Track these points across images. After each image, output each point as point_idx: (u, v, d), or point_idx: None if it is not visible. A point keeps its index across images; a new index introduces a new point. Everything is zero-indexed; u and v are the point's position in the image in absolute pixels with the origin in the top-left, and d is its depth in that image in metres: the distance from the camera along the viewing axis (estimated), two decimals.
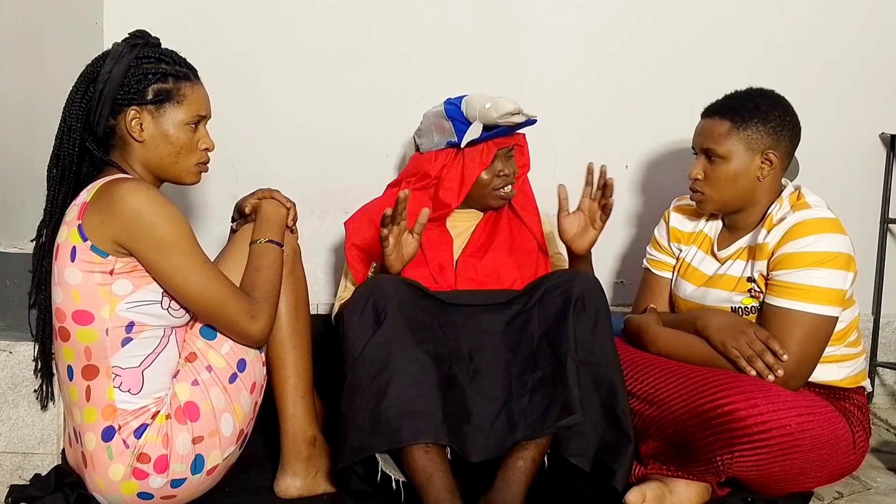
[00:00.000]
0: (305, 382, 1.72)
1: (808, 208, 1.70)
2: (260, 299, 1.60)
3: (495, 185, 1.96)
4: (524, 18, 2.37)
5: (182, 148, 1.59)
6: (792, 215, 1.70)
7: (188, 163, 1.61)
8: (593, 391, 1.61)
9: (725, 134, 1.73)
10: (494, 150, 1.93)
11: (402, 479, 1.56)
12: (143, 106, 1.55)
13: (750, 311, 1.75)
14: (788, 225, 1.69)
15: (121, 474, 1.52)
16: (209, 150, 1.64)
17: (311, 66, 2.34)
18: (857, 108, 2.44)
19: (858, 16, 2.41)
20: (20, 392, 1.77)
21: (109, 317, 1.50)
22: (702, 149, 1.78)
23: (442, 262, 1.94)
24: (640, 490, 1.62)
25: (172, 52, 1.61)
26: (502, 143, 1.94)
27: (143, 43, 1.58)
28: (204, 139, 1.63)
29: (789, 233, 1.68)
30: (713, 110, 1.78)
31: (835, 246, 1.65)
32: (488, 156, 1.93)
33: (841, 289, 1.65)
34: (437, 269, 1.93)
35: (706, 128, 1.77)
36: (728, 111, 1.74)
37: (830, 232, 1.66)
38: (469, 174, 1.93)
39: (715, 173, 1.75)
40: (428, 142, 1.99)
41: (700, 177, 1.78)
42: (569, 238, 1.89)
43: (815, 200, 1.73)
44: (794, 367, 1.63)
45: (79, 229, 1.49)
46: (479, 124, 1.90)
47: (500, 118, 1.88)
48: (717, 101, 1.80)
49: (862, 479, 1.87)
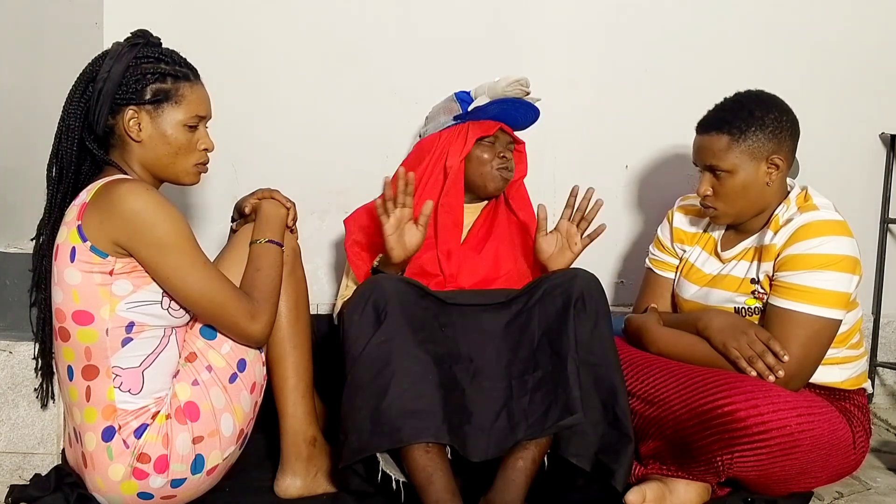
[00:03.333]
0: (305, 382, 1.72)
1: (816, 210, 1.68)
2: (260, 299, 1.60)
3: (494, 165, 1.98)
4: (524, 18, 2.37)
5: (180, 148, 1.59)
6: (799, 217, 1.68)
7: (186, 163, 1.61)
8: (593, 391, 1.61)
9: (726, 148, 1.70)
10: (497, 126, 1.98)
11: (403, 479, 1.56)
12: (141, 106, 1.55)
13: (753, 311, 1.74)
14: (795, 226, 1.67)
15: (121, 474, 1.51)
16: (208, 150, 1.64)
17: (312, 65, 2.34)
18: (857, 108, 2.44)
19: (858, 15, 2.41)
20: (20, 392, 1.77)
21: (109, 317, 1.49)
22: (705, 166, 1.75)
23: (450, 249, 1.95)
24: (640, 490, 1.62)
25: (172, 52, 1.61)
26: (506, 127, 1.99)
27: (143, 42, 1.57)
28: (203, 140, 1.62)
29: (796, 234, 1.66)
30: (708, 125, 1.74)
31: (841, 249, 1.64)
32: (492, 127, 1.97)
33: (846, 292, 1.64)
34: (445, 254, 1.94)
35: (705, 145, 1.73)
36: (724, 125, 1.71)
37: (837, 234, 1.65)
38: (472, 137, 1.96)
39: (724, 188, 1.73)
40: (434, 126, 2.04)
41: (709, 193, 1.75)
42: (545, 258, 1.88)
43: (822, 202, 1.71)
44: (795, 368, 1.62)
45: (78, 230, 1.48)
46: (487, 97, 1.95)
47: (509, 86, 1.92)
48: (709, 114, 1.76)
49: (862, 480, 1.87)
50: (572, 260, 1.88)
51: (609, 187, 2.38)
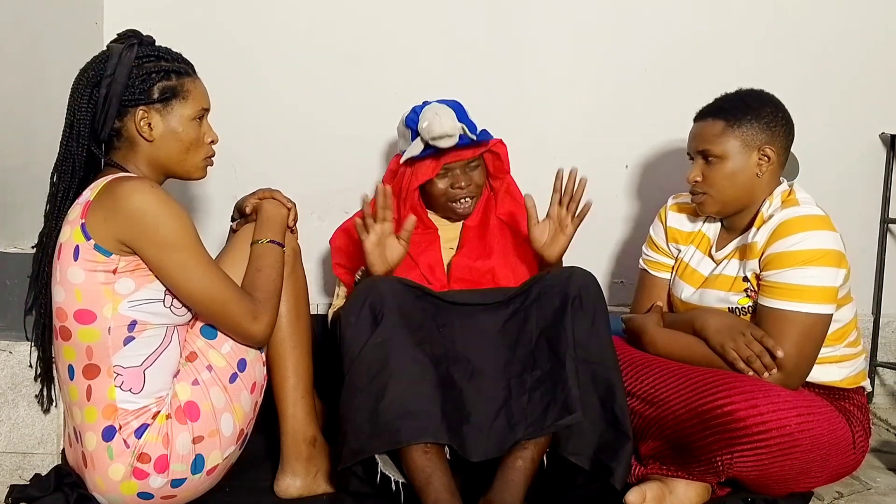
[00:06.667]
0: (305, 382, 1.72)
1: (797, 205, 1.69)
2: (262, 299, 1.60)
3: (450, 196, 1.97)
4: (524, 18, 2.37)
5: (191, 143, 1.60)
6: (780, 213, 1.69)
7: (196, 158, 1.63)
8: (591, 389, 1.61)
9: (720, 134, 1.73)
10: (440, 166, 1.94)
11: (402, 479, 1.55)
12: (150, 105, 1.56)
13: (746, 311, 1.74)
14: (776, 223, 1.68)
15: (121, 474, 1.52)
16: (214, 142, 1.66)
17: (312, 65, 2.34)
18: (857, 107, 2.43)
19: (858, 15, 2.41)
20: (20, 392, 1.77)
21: (112, 316, 1.49)
22: (697, 151, 1.78)
23: (430, 262, 1.96)
24: (640, 490, 1.62)
25: (168, 49, 1.62)
26: (451, 158, 1.93)
27: (138, 42, 1.58)
28: (209, 132, 1.65)
29: (776, 231, 1.67)
30: (705, 113, 1.79)
31: (823, 243, 1.64)
32: (433, 170, 1.94)
33: (832, 286, 1.65)
34: (428, 269, 1.94)
35: (700, 130, 1.77)
36: (720, 112, 1.75)
37: (817, 229, 1.65)
38: (414, 185, 1.95)
39: (713, 174, 1.75)
40: (400, 143, 2.03)
41: (699, 179, 1.77)
42: (539, 246, 1.88)
43: (804, 197, 1.72)
44: (792, 366, 1.63)
45: (82, 228, 1.48)
46: (420, 143, 1.91)
47: (431, 140, 1.88)
48: (707, 104, 1.80)
49: (862, 479, 1.87)
50: (566, 243, 1.87)
51: (609, 187, 2.39)
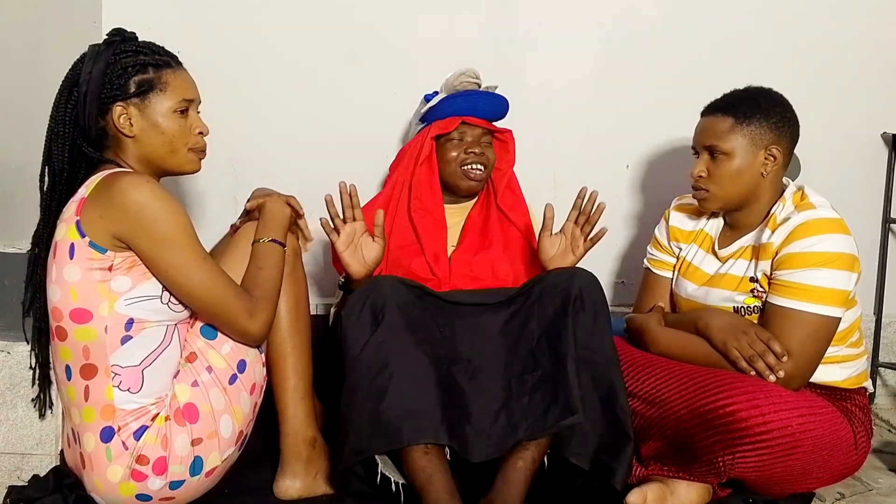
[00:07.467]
0: (305, 383, 1.71)
1: (813, 208, 1.69)
2: (260, 298, 1.59)
3: (461, 159, 1.96)
4: (524, 18, 2.37)
5: (174, 136, 1.57)
6: (797, 215, 1.69)
7: (184, 150, 1.60)
8: (592, 390, 1.61)
9: (728, 130, 1.73)
10: (457, 121, 1.96)
11: (402, 480, 1.55)
12: (127, 100, 1.54)
13: (752, 310, 1.74)
14: (793, 225, 1.68)
15: (119, 476, 1.51)
16: (204, 133, 1.62)
17: (312, 66, 2.33)
18: (859, 107, 2.43)
19: (860, 15, 2.41)
20: (18, 393, 1.77)
21: (108, 314, 1.49)
22: (704, 146, 1.77)
23: (437, 251, 1.95)
24: (641, 491, 1.61)
25: (150, 43, 1.59)
26: (469, 119, 1.97)
27: (119, 39, 1.56)
28: (196, 123, 1.61)
29: (794, 233, 1.67)
30: (714, 108, 1.78)
31: (839, 246, 1.64)
32: (451, 123, 1.96)
33: (844, 289, 1.64)
34: (433, 258, 1.93)
35: (708, 125, 1.77)
36: (730, 108, 1.75)
37: (835, 232, 1.65)
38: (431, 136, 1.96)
39: (719, 170, 1.75)
40: (412, 131, 2.06)
41: (703, 174, 1.77)
42: (547, 258, 1.85)
43: (819, 201, 1.72)
44: (795, 367, 1.62)
45: (77, 225, 1.48)
46: (442, 94, 1.97)
47: (456, 80, 1.93)
48: (716, 99, 1.80)
49: (863, 480, 1.87)
50: (574, 264, 1.85)
51: (609, 187, 2.37)
